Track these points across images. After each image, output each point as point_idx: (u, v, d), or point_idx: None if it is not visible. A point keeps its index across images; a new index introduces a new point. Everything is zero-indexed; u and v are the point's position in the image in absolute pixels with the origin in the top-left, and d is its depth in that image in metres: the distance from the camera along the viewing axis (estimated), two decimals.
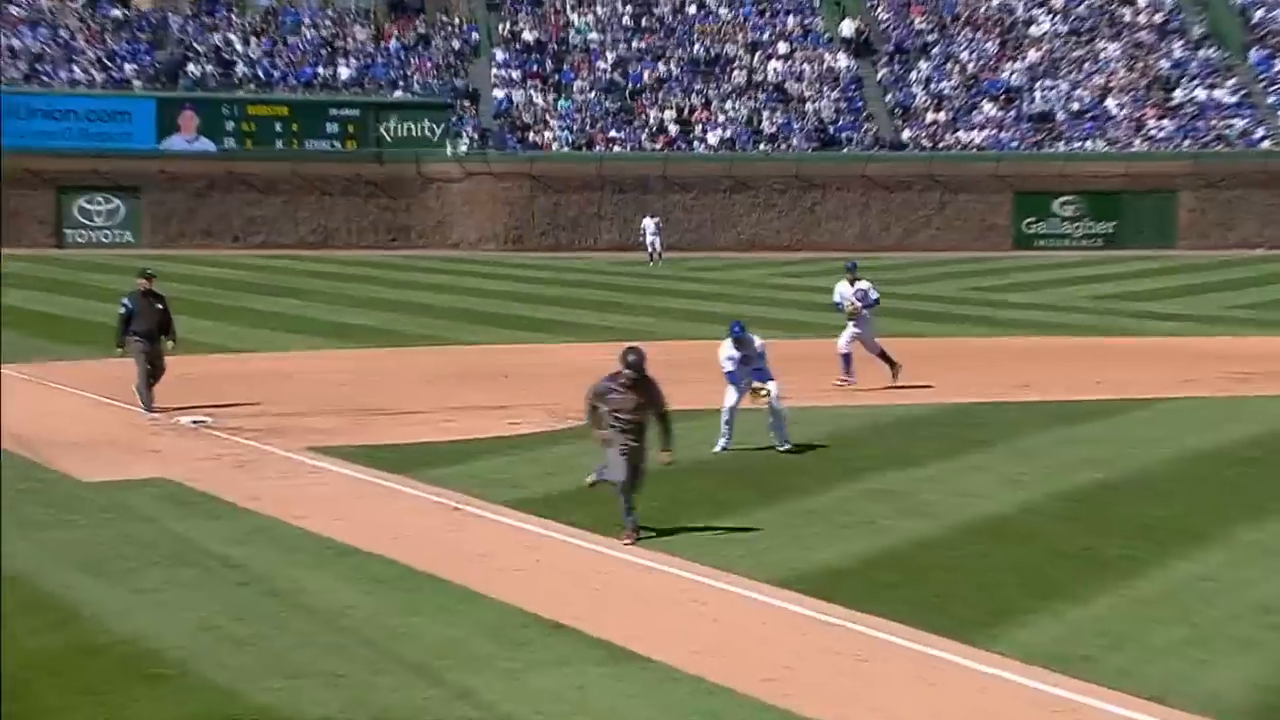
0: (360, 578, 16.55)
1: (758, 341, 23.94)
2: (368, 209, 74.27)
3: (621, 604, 15.71)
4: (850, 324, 30.81)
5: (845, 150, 77.49)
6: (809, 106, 79.39)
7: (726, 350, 23.90)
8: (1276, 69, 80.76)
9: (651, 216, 69.58)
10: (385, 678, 13.19)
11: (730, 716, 12.25)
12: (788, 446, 23.62)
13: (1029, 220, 75.46)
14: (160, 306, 27.91)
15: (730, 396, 23.88)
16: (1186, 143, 77.19)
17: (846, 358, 30.56)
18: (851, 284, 31.04)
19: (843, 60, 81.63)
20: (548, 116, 78.01)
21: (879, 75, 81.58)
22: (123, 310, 27.95)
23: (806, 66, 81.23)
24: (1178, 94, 79.77)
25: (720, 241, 73.50)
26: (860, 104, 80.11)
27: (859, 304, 30.80)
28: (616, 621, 14.86)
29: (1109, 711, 12.43)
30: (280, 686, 12.90)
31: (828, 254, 69.96)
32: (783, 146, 77.49)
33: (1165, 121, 78.50)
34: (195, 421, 26.42)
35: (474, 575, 16.52)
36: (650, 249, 67.97)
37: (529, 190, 74.05)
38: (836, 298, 31.36)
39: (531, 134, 77.20)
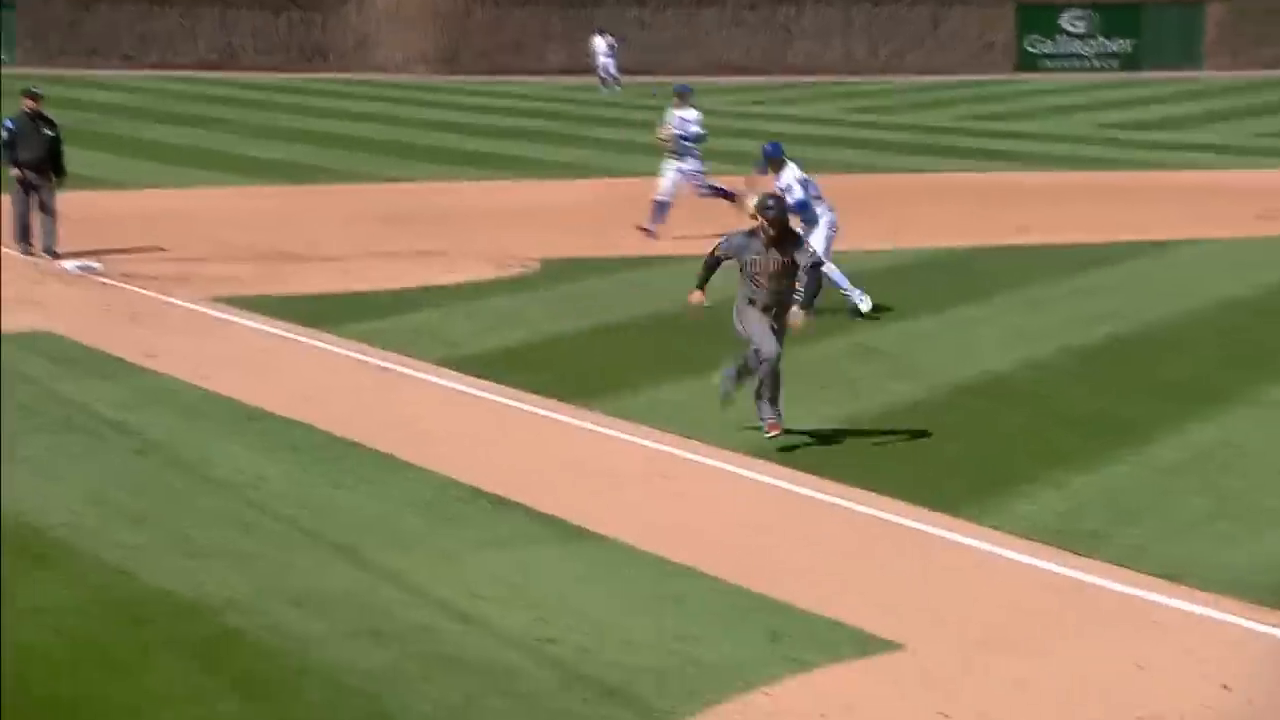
0: (273, 446, 16.51)
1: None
2: (278, 24, 73.50)
3: (574, 477, 15.72)
4: (673, 160, 29.76)
5: None
6: None
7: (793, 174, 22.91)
8: None
9: (603, 35, 69.03)
10: (302, 557, 13.19)
11: (695, 601, 12.30)
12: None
13: (1034, 38, 75.21)
14: (51, 133, 27.31)
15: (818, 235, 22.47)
16: None
17: (662, 205, 29.51)
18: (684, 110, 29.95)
19: None
20: None
21: None
22: (4, 134, 27.36)
23: None
24: None
25: (683, 64, 72.98)
26: None
27: (676, 133, 29.74)
28: (568, 496, 14.87)
29: (1119, 592, 12.54)
30: (182, 567, 12.87)
31: (805, 79, 69.70)
32: None
33: None
34: (82, 267, 26.22)
35: (403, 443, 16.48)
36: (602, 72, 67.55)
37: (464, 2, 73.32)
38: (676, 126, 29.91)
39: None
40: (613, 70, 67.36)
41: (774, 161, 23.07)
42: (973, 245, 28.90)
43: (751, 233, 16.36)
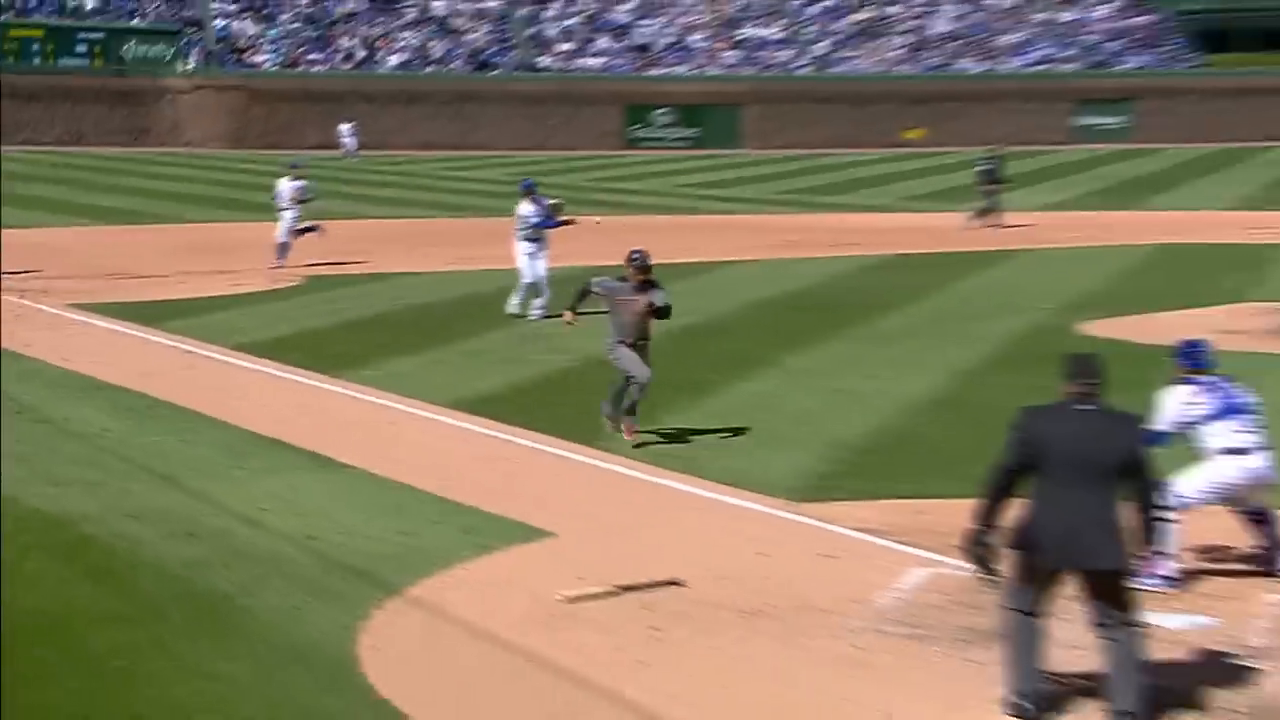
0: (115, 408, 15.89)
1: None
2: (113, 113, 70.60)
3: (328, 424, 15.43)
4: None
5: (497, 72, 76.64)
6: (467, 37, 78.23)
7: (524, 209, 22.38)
8: (808, 13, 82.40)
9: (347, 121, 67.97)
10: (137, 485, 12.73)
11: (408, 506, 12.16)
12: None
13: (635, 127, 75.87)
14: None
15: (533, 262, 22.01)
16: (749, 69, 78.50)
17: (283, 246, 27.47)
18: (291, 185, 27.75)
19: (493, 1, 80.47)
20: (259, 42, 75.31)
21: (520, 12, 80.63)
22: None
23: (464, 4, 79.85)
24: (743, 31, 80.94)
25: (400, 143, 72.02)
26: (508, 35, 79.22)
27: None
28: (323, 438, 14.59)
29: (696, 494, 12.71)
30: (50, 493, 12.35)
31: (484, 153, 69.39)
32: (447, 68, 76.28)
33: (733, 52, 79.71)
34: None
35: (209, 404, 16.00)
36: (344, 147, 66.46)
37: (246, 101, 71.36)
38: None
39: (247, 56, 74.44)
40: (353, 146, 66.41)
41: (526, 192, 23.03)
42: (601, 264, 28.95)
43: (622, 278, 14.53)
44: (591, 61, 78.61)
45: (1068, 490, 7.67)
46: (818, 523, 11.72)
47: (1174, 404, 10.03)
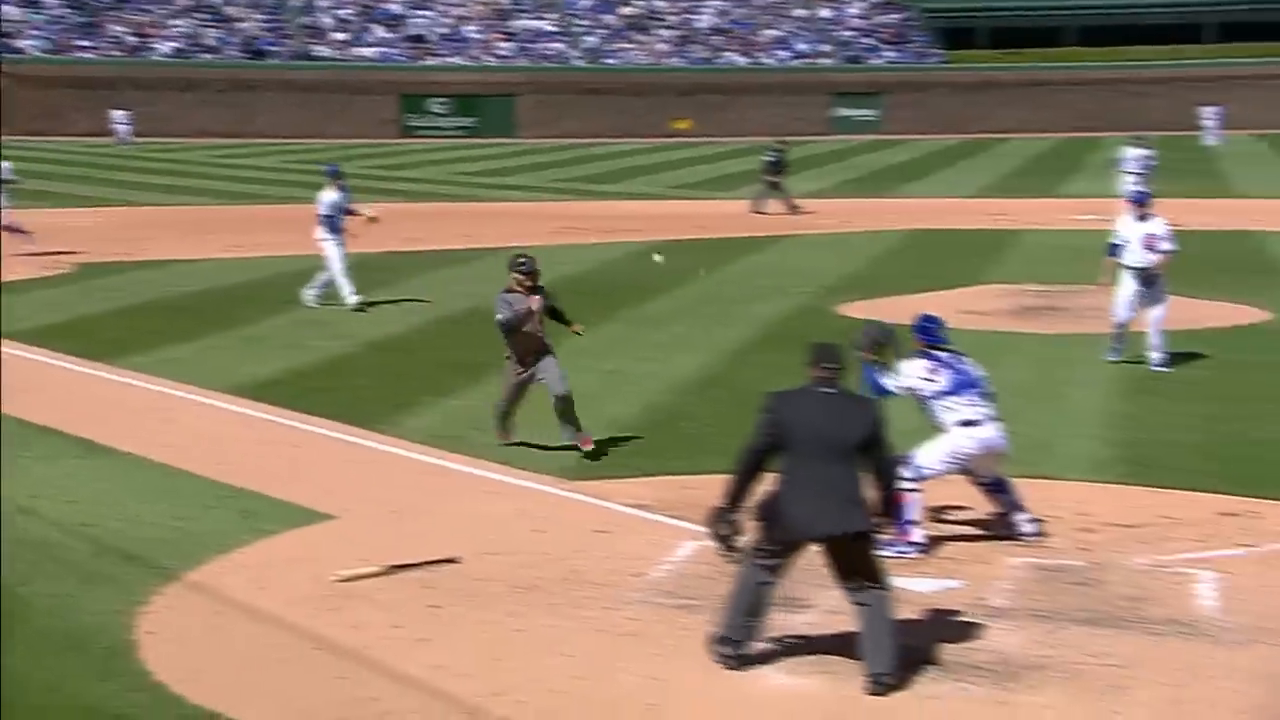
0: None
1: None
2: None
3: (104, 411, 14.92)
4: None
5: (271, 60, 74.94)
6: (240, 25, 76.25)
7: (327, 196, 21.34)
8: (580, 6, 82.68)
9: (120, 109, 65.60)
10: None
11: (185, 491, 11.85)
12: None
13: (411, 116, 75.07)
14: None
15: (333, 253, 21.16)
16: (523, 60, 78.36)
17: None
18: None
19: None
20: (23, 28, 72.15)
21: (294, 1, 78.97)
22: None
23: None
24: (516, 23, 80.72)
25: (175, 130, 69.87)
26: (282, 24, 77.51)
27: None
28: (98, 425, 14.11)
29: (475, 475, 12.68)
30: None
31: (263, 141, 67.79)
32: (221, 56, 74.28)
33: (507, 43, 79.45)
34: None
35: None
36: (117, 134, 64.19)
37: (13, 86, 68.32)
38: None
39: (12, 41, 71.21)
40: (127, 134, 64.15)
41: (332, 178, 21.94)
42: (382, 251, 28.62)
43: (508, 290, 13.17)
44: (367, 51, 77.47)
45: (813, 467, 7.98)
46: (592, 499, 11.80)
47: (909, 373, 10.38)
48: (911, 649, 8.34)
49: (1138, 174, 32.11)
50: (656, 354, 18.28)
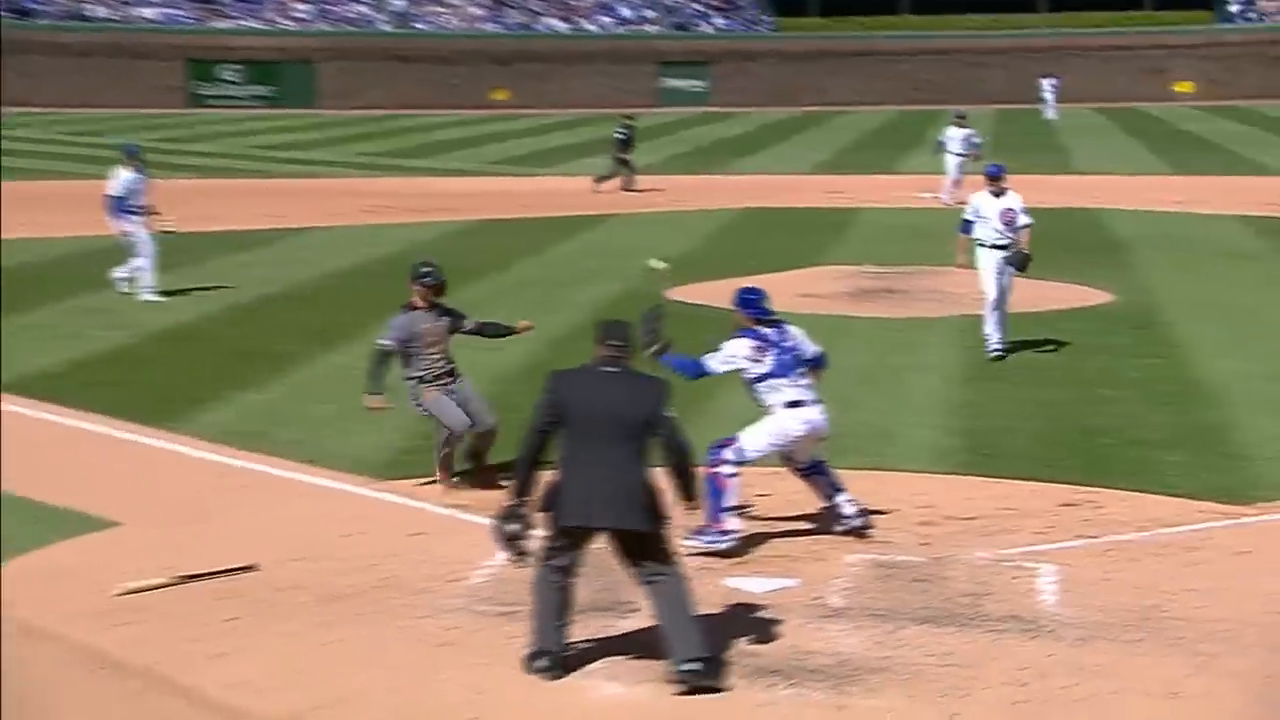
0: None
1: None
2: None
3: None
4: None
5: (40, 20, 72.71)
6: None
7: None
8: None
9: None
10: None
11: None
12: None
13: (200, 84, 73.55)
14: None
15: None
16: (324, 24, 77.28)
17: None
18: None
19: None
20: None
21: None
22: None
23: None
24: None
25: None
26: None
27: None
28: None
29: (276, 475, 12.54)
30: None
31: (29, 110, 65.88)
32: None
33: (305, 5, 78.24)
34: None
35: None
36: None
37: None
38: None
39: None
40: None
41: (129, 158, 21.28)
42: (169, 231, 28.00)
43: (409, 306, 12.14)
44: (148, 12, 75.61)
45: (594, 451, 8.10)
46: (405, 500, 11.75)
47: (733, 352, 10.48)
48: (746, 652, 8.49)
49: (962, 155, 32.60)
50: (473, 341, 18.17)
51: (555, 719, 7.86)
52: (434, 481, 11.99)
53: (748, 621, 8.97)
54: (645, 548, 8.16)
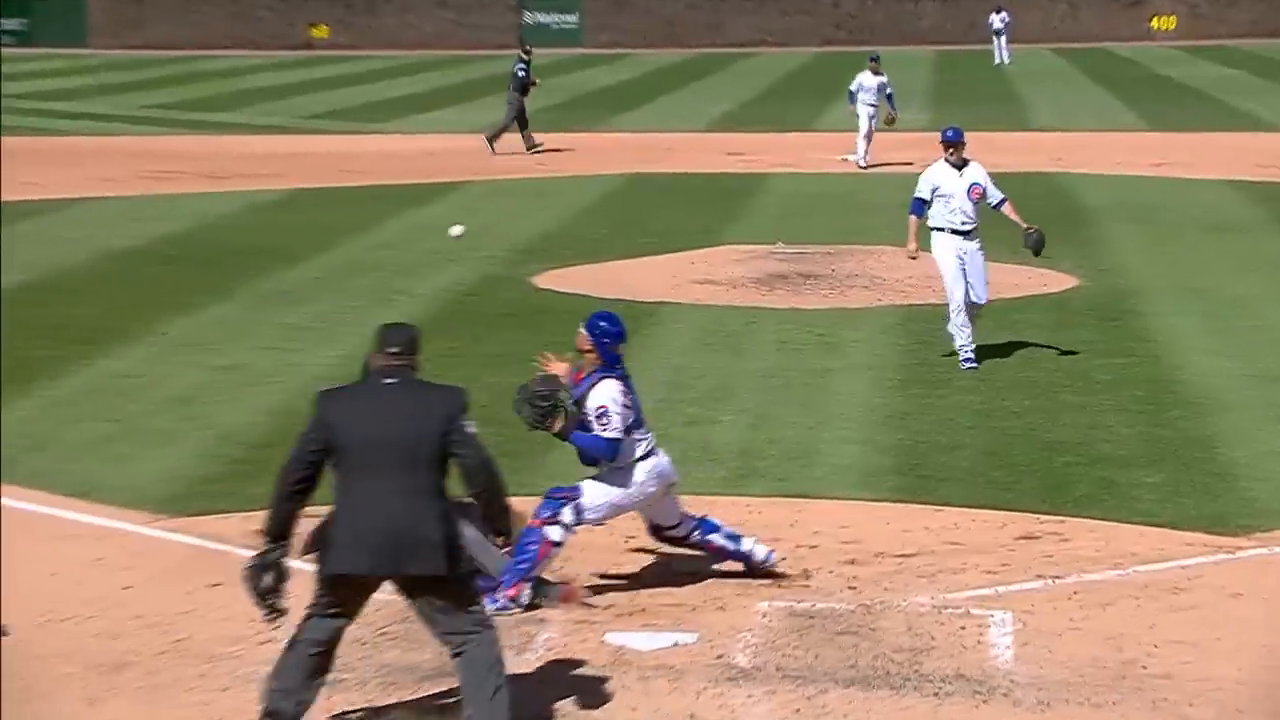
0: None
1: None
2: None
3: None
4: None
5: None
6: None
7: None
8: None
9: None
10: None
11: None
12: None
13: None
14: None
15: None
16: None
17: None
18: None
19: None
20: None
21: None
22: None
23: None
24: None
25: None
26: None
27: None
28: None
29: (33, 511, 12.33)
30: None
31: None
32: None
33: None
34: None
35: None
36: None
37: None
38: None
39: None
40: None
41: None
42: None
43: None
44: None
45: (372, 482, 8.09)
46: (202, 541, 11.61)
47: (616, 407, 10.27)
48: None
49: (873, 107, 32.64)
50: (289, 343, 18.09)
51: None
52: None
53: (634, 688, 8.95)
54: (445, 598, 8.11)
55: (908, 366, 16.94)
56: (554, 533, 10.20)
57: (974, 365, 16.63)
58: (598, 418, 10.23)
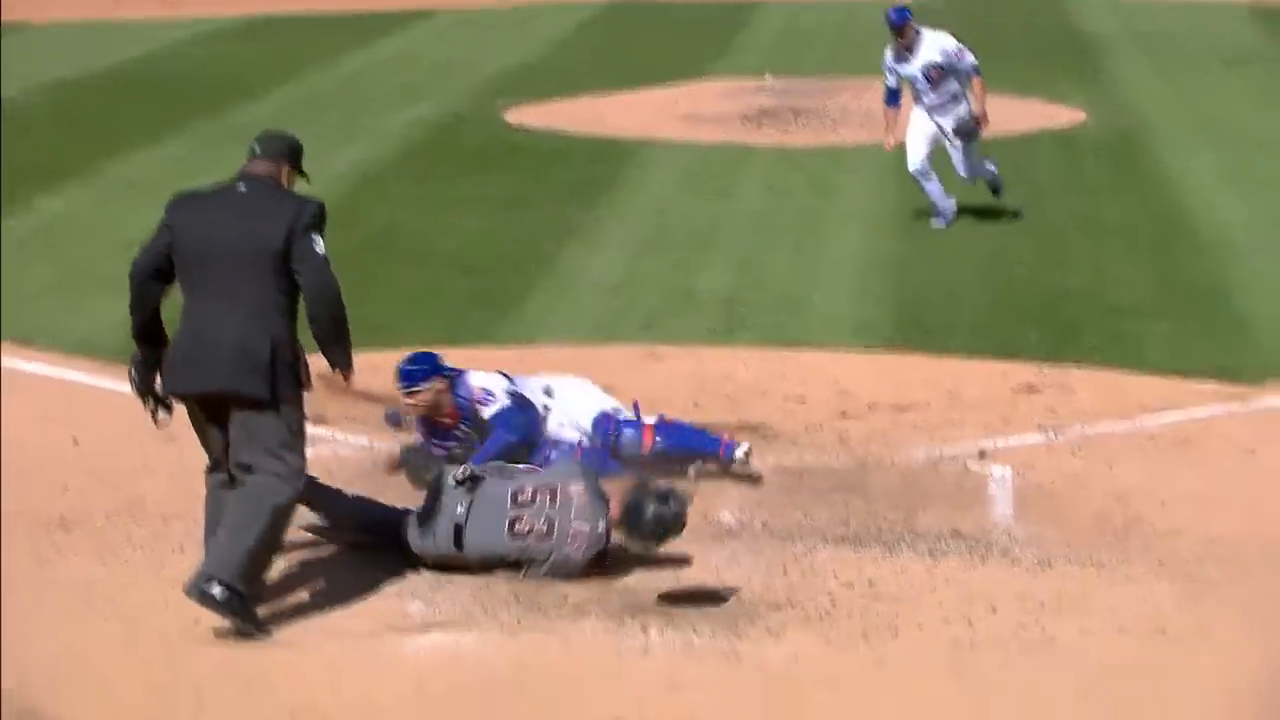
0: None
1: None
2: None
3: None
4: None
5: None
6: None
7: None
8: None
9: None
10: None
11: None
12: None
13: None
14: None
15: None
16: None
17: None
18: None
19: None
20: None
21: None
22: None
23: None
24: None
25: None
26: None
27: None
28: None
29: None
30: None
31: None
32: None
33: None
34: None
35: None
36: None
37: None
38: None
39: None
40: None
41: None
42: None
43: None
44: None
45: (208, 295, 8.09)
46: None
47: (488, 383, 10.27)
48: (613, 586, 8.53)
49: None
50: None
51: (368, 681, 7.81)
52: None
53: (611, 548, 8.96)
54: (256, 427, 8.03)
55: (905, 210, 16.85)
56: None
57: (944, 224, 16.10)
58: (483, 402, 10.16)
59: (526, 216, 16.33)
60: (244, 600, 8.04)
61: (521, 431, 10.12)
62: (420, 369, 10.27)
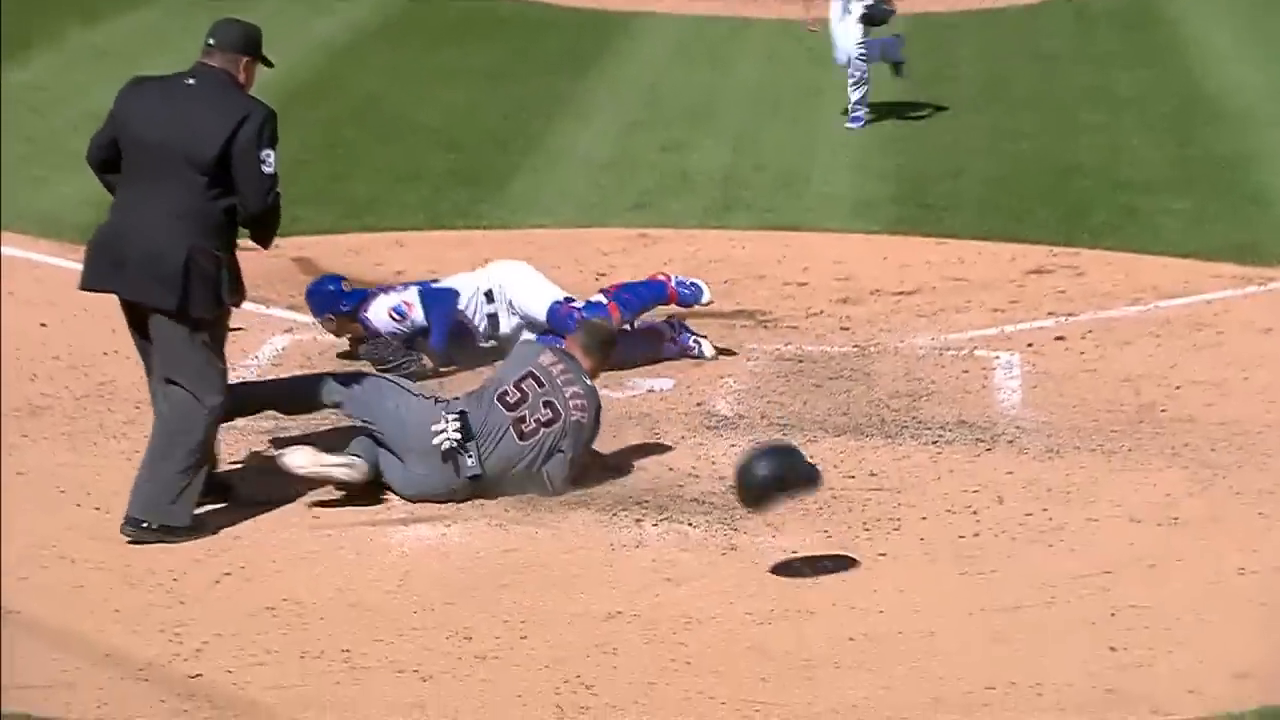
0: None
1: None
2: None
3: None
4: None
5: None
6: None
7: None
8: None
9: None
10: None
11: None
12: None
13: None
14: None
15: None
16: None
17: None
18: None
19: None
20: None
21: None
22: None
23: None
24: None
25: None
26: None
27: None
28: None
29: None
30: None
31: None
32: None
33: None
34: None
35: None
36: None
37: None
38: None
39: None
40: None
41: None
42: None
43: None
44: None
45: (140, 192, 7.97)
46: None
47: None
48: (605, 478, 8.55)
49: None
50: None
51: (350, 574, 7.84)
52: None
53: (604, 437, 8.96)
54: (165, 340, 7.96)
55: (909, 81, 16.74)
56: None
57: (858, 126, 15.34)
58: (402, 317, 10.12)
59: (512, 90, 16.25)
60: (175, 530, 7.98)
61: (448, 299, 10.09)
62: (314, 301, 10.30)
